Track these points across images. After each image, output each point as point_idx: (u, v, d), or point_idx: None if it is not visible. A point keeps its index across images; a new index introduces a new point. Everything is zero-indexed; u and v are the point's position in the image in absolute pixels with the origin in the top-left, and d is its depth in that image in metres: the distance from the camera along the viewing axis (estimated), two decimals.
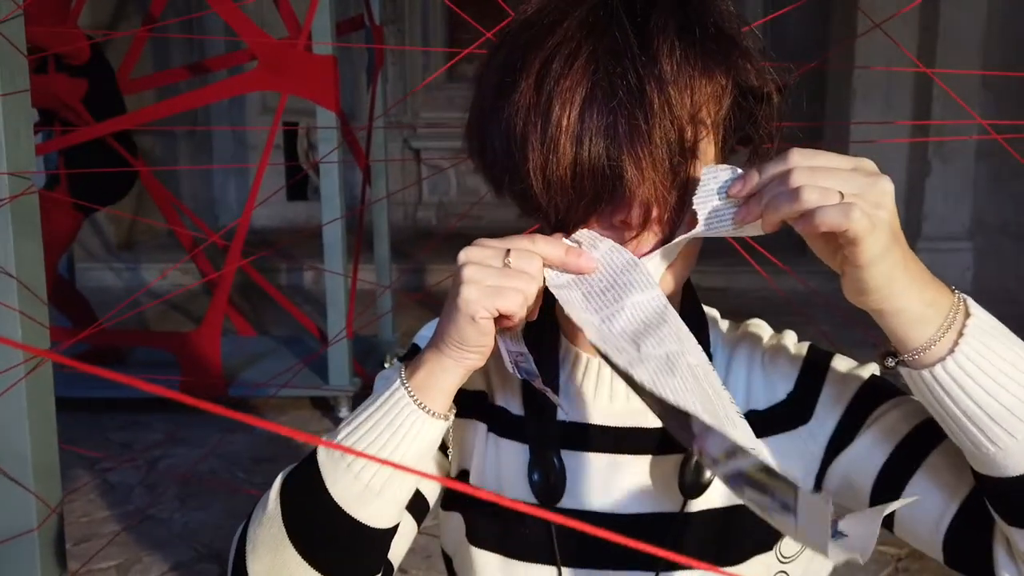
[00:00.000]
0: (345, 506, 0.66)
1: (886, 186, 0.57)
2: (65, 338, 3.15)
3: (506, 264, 0.62)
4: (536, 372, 0.65)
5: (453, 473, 0.82)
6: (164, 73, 4.72)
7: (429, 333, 0.75)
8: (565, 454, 0.77)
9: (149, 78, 4.32)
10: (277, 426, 0.36)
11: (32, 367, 1.19)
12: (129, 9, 5.60)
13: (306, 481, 0.68)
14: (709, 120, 0.65)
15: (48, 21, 2.94)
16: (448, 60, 6.49)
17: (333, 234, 3.23)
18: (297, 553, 0.67)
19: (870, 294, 0.58)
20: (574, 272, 0.64)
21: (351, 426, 0.67)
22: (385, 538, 0.70)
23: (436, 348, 0.66)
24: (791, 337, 0.81)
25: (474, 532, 0.80)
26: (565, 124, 0.62)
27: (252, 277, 4.14)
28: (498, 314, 0.62)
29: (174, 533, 2.56)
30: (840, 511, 0.49)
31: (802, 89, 0.73)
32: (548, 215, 0.67)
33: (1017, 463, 0.59)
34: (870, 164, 0.58)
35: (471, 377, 0.80)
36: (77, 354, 3.38)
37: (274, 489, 0.69)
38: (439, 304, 0.67)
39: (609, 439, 0.78)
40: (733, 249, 0.71)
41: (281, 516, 0.68)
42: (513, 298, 0.61)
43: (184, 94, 3.97)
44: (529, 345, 0.68)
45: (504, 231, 0.67)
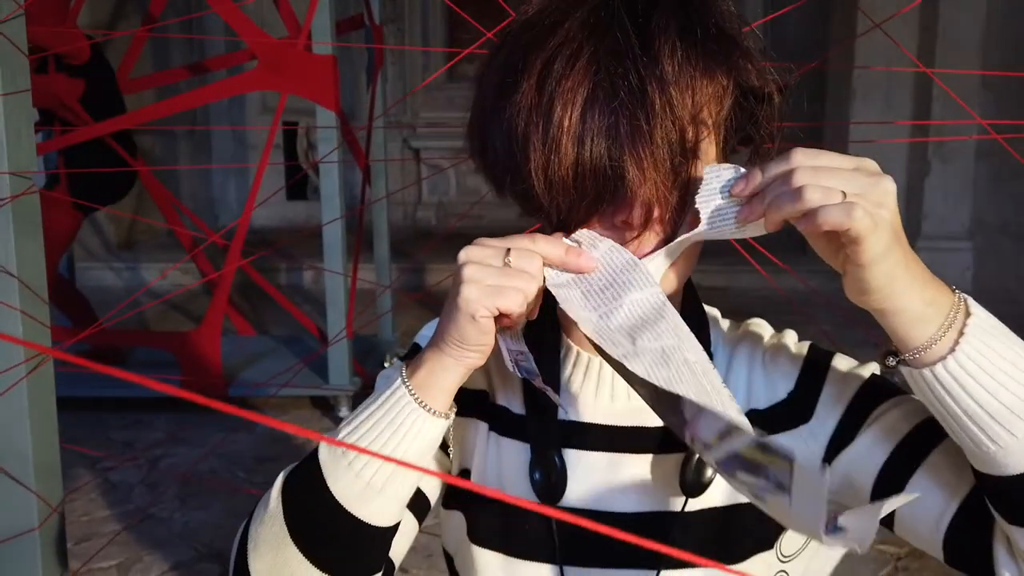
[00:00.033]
0: (346, 504, 0.66)
1: (888, 186, 0.57)
2: (66, 338, 3.16)
3: (506, 263, 0.62)
4: (536, 371, 0.65)
5: (454, 472, 0.82)
6: (164, 73, 4.72)
7: (430, 332, 0.75)
8: (566, 453, 0.77)
9: (149, 78, 4.32)
10: (282, 423, 0.36)
11: (33, 366, 1.19)
12: (128, 9, 5.60)
13: (307, 479, 0.68)
14: (710, 120, 0.65)
15: (48, 21, 2.94)
16: (448, 60, 6.49)
17: (333, 234, 3.23)
18: (298, 551, 0.67)
19: (872, 293, 0.59)
20: (574, 271, 0.64)
21: (352, 425, 0.68)
22: (386, 536, 0.70)
23: (436, 347, 0.66)
24: (791, 336, 0.81)
25: (475, 531, 0.80)
26: (567, 124, 0.62)
27: (252, 277, 4.14)
28: (498, 313, 0.62)
29: (175, 532, 2.56)
30: (840, 509, 0.49)
31: (802, 89, 0.74)
32: (550, 215, 0.67)
33: (1017, 461, 0.59)
34: (872, 164, 0.59)
35: (472, 376, 0.81)
36: (78, 354, 3.38)
37: (275, 488, 0.70)
38: (439, 304, 0.67)
39: (610, 438, 0.78)
40: (733, 248, 0.71)
41: (282, 514, 0.68)
42: (513, 297, 0.62)
43: (184, 94, 3.96)
44: (530, 344, 0.68)
45: (504, 231, 0.67)
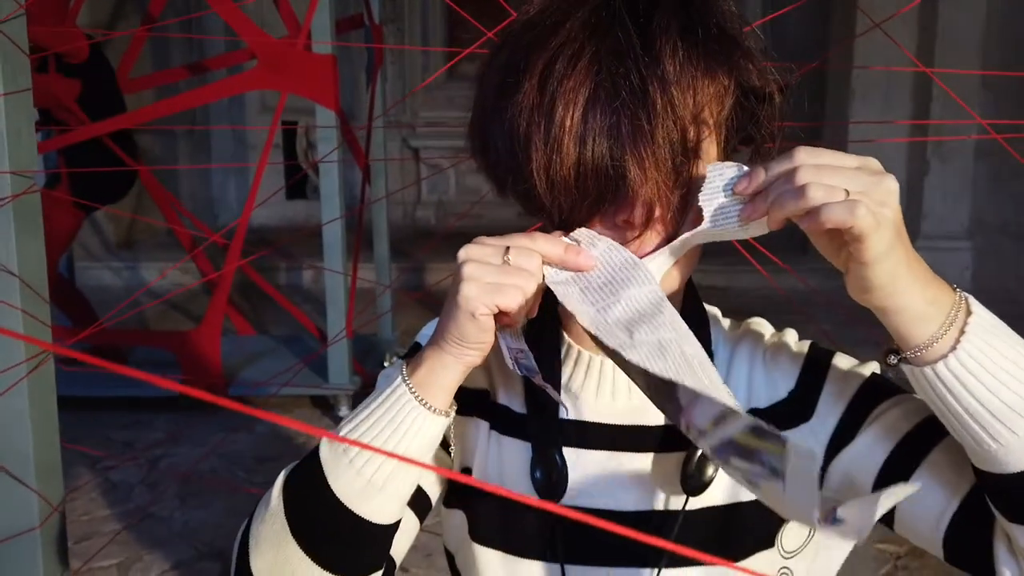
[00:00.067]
0: (347, 502, 0.66)
1: (891, 184, 0.57)
2: (66, 337, 3.15)
3: (506, 261, 0.63)
4: (536, 369, 0.66)
5: (455, 470, 0.83)
6: (163, 72, 4.71)
7: (431, 332, 0.75)
8: (567, 452, 0.77)
9: (148, 77, 4.31)
10: (286, 419, 0.37)
11: (34, 365, 1.19)
12: (128, 8, 5.60)
13: (308, 477, 0.68)
14: (711, 120, 0.65)
15: (48, 21, 2.94)
16: (447, 59, 6.48)
17: (333, 233, 3.23)
18: (300, 549, 0.67)
19: (873, 291, 0.59)
20: (573, 269, 0.64)
21: (353, 422, 0.68)
22: (387, 534, 0.70)
23: (437, 345, 0.66)
24: (792, 335, 0.81)
25: (476, 529, 0.81)
26: (568, 124, 0.62)
27: (251, 277, 4.14)
28: (498, 311, 0.63)
29: (175, 532, 2.56)
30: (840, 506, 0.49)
31: (803, 89, 0.74)
32: (552, 215, 0.67)
33: (1018, 459, 0.59)
34: (875, 163, 0.59)
35: (473, 375, 0.81)
36: (79, 352, 3.37)
37: (277, 486, 0.70)
38: (439, 303, 0.67)
39: (611, 437, 0.78)
40: (734, 248, 0.71)
41: (284, 512, 0.68)
42: (512, 295, 0.62)
43: (183, 93, 3.96)
44: (531, 344, 0.68)
45: (504, 230, 0.67)
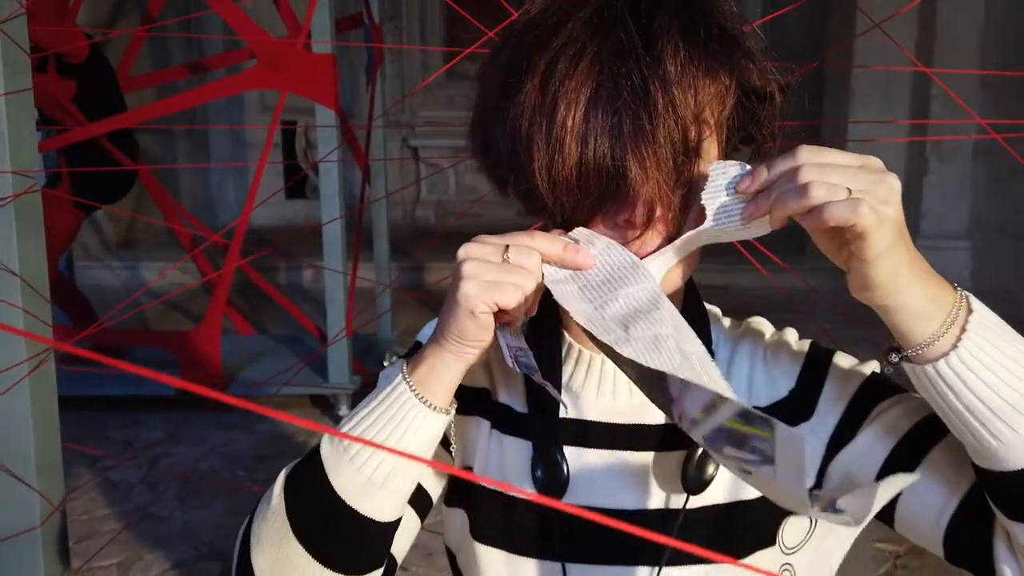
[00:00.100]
0: (348, 499, 0.67)
1: (893, 183, 0.57)
2: (67, 337, 3.15)
3: (505, 260, 0.63)
4: (536, 367, 0.66)
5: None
6: (163, 72, 4.71)
7: (431, 331, 0.76)
8: (568, 451, 0.77)
9: (148, 77, 4.31)
10: (287, 416, 0.37)
11: (36, 364, 1.20)
12: (128, 8, 5.60)
13: (309, 475, 0.68)
14: (712, 120, 0.66)
15: (48, 20, 2.94)
16: (447, 58, 6.48)
17: (333, 233, 3.23)
18: (300, 546, 0.68)
19: (875, 289, 0.59)
20: (572, 268, 0.65)
21: (353, 420, 0.68)
22: (388, 531, 0.70)
23: (437, 343, 0.66)
24: (792, 334, 0.82)
25: (477, 528, 0.81)
26: (570, 124, 0.62)
27: (251, 277, 4.13)
28: (497, 308, 0.63)
29: (175, 531, 2.57)
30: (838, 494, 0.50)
31: (802, 89, 0.74)
32: (553, 214, 0.67)
33: (1018, 457, 0.60)
34: (877, 162, 0.59)
35: (474, 374, 0.81)
36: (77, 353, 3.38)
37: (278, 484, 0.70)
38: (438, 302, 0.67)
39: (612, 435, 0.78)
40: (733, 247, 0.72)
41: (285, 510, 0.68)
42: (512, 293, 0.62)
43: (183, 93, 3.96)
44: (532, 343, 0.68)
45: (503, 229, 0.67)
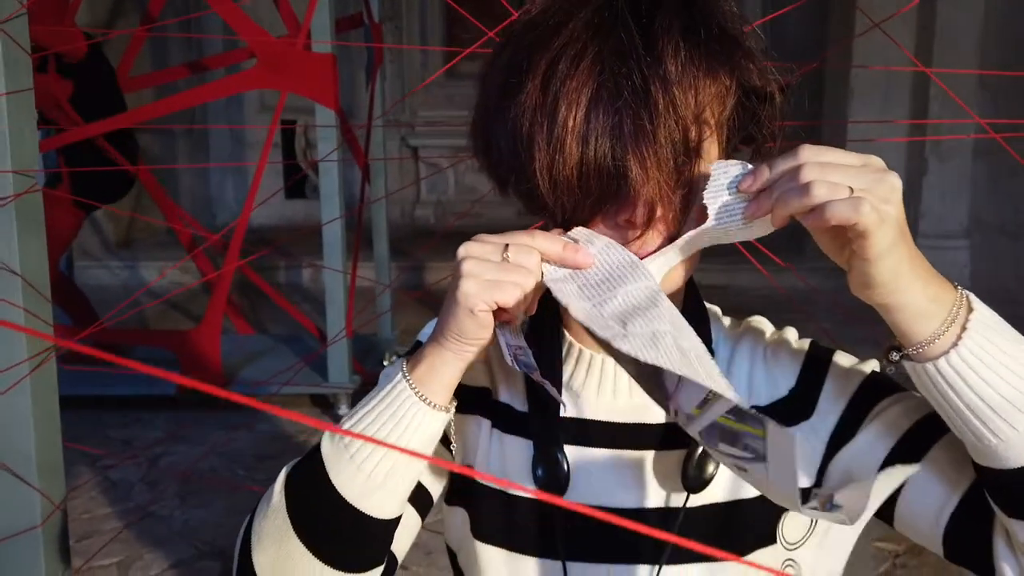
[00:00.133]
0: (348, 497, 0.67)
1: (894, 182, 0.58)
2: (67, 336, 3.15)
3: (505, 259, 0.63)
4: (535, 365, 0.66)
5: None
6: (162, 72, 4.71)
7: (431, 330, 0.76)
8: (569, 450, 0.78)
9: (147, 76, 4.31)
10: (288, 412, 0.37)
11: (37, 364, 1.20)
12: (127, 7, 5.60)
13: (310, 473, 0.68)
14: (713, 120, 0.66)
15: (47, 20, 2.94)
16: (447, 58, 6.47)
17: (333, 233, 3.23)
18: (301, 544, 0.68)
19: (876, 288, 0.59)
20: (572, 267, 0.65)
21: (354, 418, 0.68)
22: (388, 529, 0.71)
23: (436, 342, 0.67)
24: (792, 333, 0.82)
25: (478, 527, 0.81)
26: (571, 124, 0.63)
27: (250, 278, 4.13)
28: (496, 307, 0.63)
29: (175, 531, 2.57)
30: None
31: (803, 89, 0.74)
32: (554, 214, 0.67)
33: (1018, 455, 0.60)
34: (878, 161, 0.59)
35: (475, 373, 0.81)
36: (78, 352, 3.38)
37: (279, 482, 0.70)
38: (438, 302, 0.67)
39: (612, 434, 0.78)
40: (734, 247, 0.72)
41: (285, 508, 0.69)
42: (511, 291, 0.62)
43: (183, 92, 3.96)
44: (532, 343, 0.68)
45: (503, 229, 0.67)
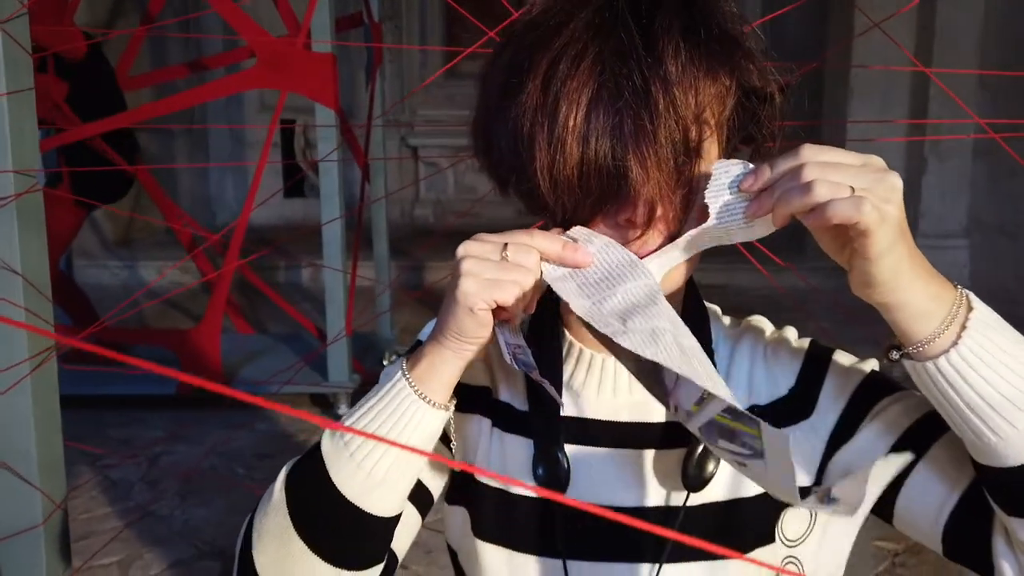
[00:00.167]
0: (348, 495, 0.67)
1: (895, 182, 0.58)
2: (67, 335, 3.16)
3: (504, 257, 0.63)
4: (534, 364, 0.66)
5: (456, 468, 0.83)
6: (162, 71, 4.71)
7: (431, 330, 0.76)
8: (569, 449, 0.78)
9: (147, 76, 4.31)
10: (291, 409, 0.37)
11: (38, 363, 1.20)
12: (127, 7, 5.60)
13: (310, 471, 0.69)
14: (713, 120, 0.66)
15: (47, 20, 2.94)
16: (447, 57, 6.47)
17: (332, 232, 3.24)
18: (302, 542, 0.68)
19: (877, 287, 0.60)
20: (571, 266, 0.65)
21: (354, 416, 0.69)
22: (388, 526, 0.71)
23: (436, 340, 0.67)
24: (791, 333, 0.82)
25: (479, 526, 0.81)
26: (572, 124, 0.63)
27: (250, 279, 4.13)
28: (495, 306, 0.63)
29: (175, 530, 2.57)
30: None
31: (803, 89, 0.74)
32: (555, 214, 0.68)
33: (1018, 453, 0.60)
34: (879, 160, 0.60)
35: (475, 372, 0.81)
36: (78, 351, 3.38)
37: (279, 480, 0.71)
38: (438, 301, 0.68)
39: (613, 434, 0.79)
40: (734, 246, 0.72)
41: (286, 506, 0.69)
42: (510, 290, 0.63)
43: (183, 92, 3.96)
44: (533, 342, 0.68)
45: (502, 228, 0.67)
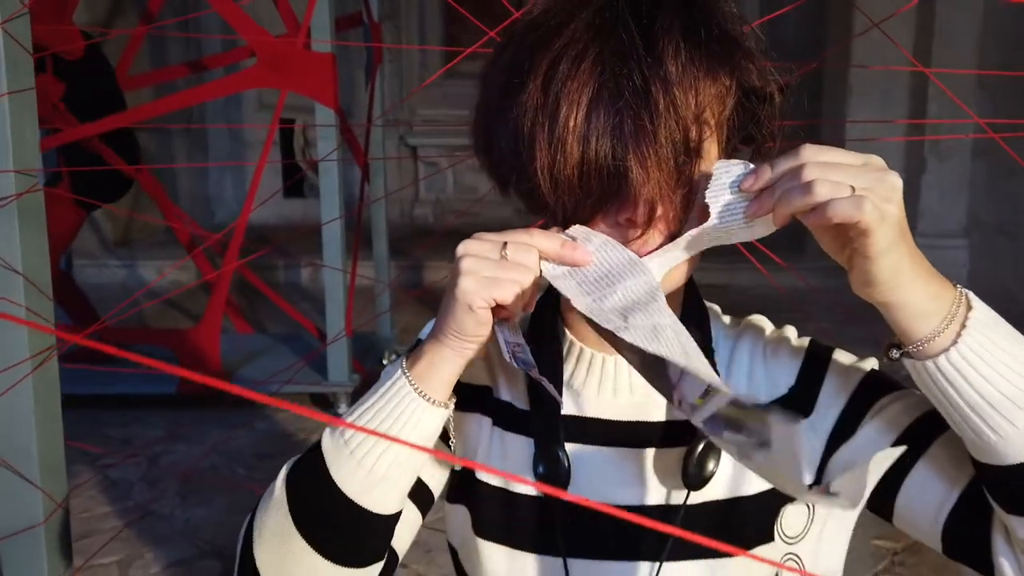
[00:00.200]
0: (348, 492, 0.67)
1: (895, 181, 0.58)
2: (68, 334, 3.15)
3: (503, 256, 0.64)
4: (533, 362, 0.67)
5: (456, 467, 0.83)
6: (161, 70, 4.71)
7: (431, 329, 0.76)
8: (570, 447, 0.78)
9: (146, 75, 4.31)
10: (293, 406, 0.37)
11: (39, 363, 1.20)
12: (126, 6, 5.60)
13: (310, 469, 0.69)
14: (713, 120, 0.66)
15: (47, 19, 2.94)
16: (446, 57, 6.47)
17: (332, 232, 3.24)
18: (303, 539, 0.68)
19: (877, 286, 0.60)
20: (570, 264, 0.65)
21: (354, 415, 0.69)
22: (388, 524, 0.71)
23: (436, 339, 0.67)
24: (791, 332, 0.82)
25: (479, 524, 0.81)
26: (572, 124, 0.63)
27: (249, 279, 4.13)
28: (495, 304, 0.64)
29: (175, 529, 2.57)
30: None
31: (802, 89, 0.75)
32: (555, 214, 0.68)
33: (1017, 451, 0.61)
34: (879, 160, 0.60)
35: (475, 371, 0.82)
36: (77, 350, 3.38)
37: (280, 478, 0.71)
38: (437, 301, 0.68)
39: (613, 432, 0.79)
40: (734, 246, 0.72)
41: (287, 504, 0.69)
42: (510, 289, 0.63)
43: (182, 91, 3.96)
44: (533, 341, 0.69)
45: (502, 228, 0.68)
